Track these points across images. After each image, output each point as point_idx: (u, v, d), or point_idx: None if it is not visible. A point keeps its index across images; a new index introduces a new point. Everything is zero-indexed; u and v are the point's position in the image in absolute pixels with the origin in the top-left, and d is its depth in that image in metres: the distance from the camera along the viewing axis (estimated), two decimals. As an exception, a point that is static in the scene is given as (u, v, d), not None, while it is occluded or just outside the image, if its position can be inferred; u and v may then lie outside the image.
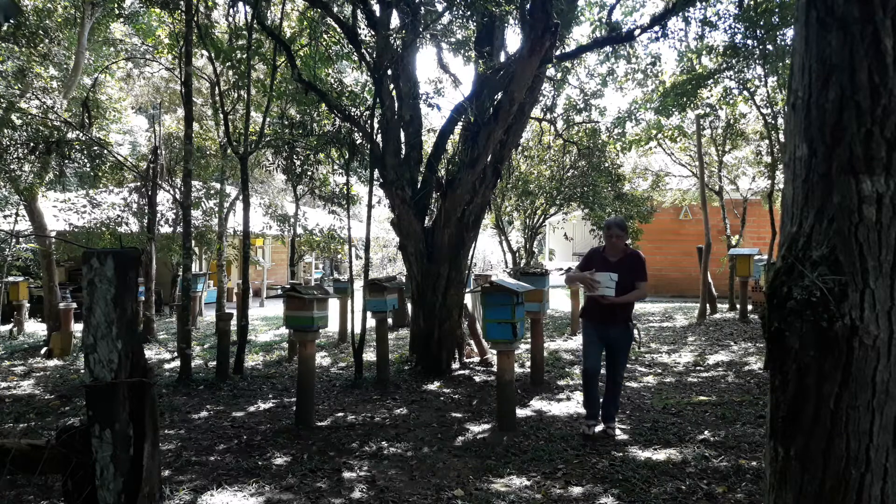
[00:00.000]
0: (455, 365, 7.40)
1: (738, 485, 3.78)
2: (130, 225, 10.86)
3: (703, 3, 8.84)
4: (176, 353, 8.51)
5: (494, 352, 5.42)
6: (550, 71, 8.91)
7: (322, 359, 8.41)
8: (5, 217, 12.22)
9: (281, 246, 19.06)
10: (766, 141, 11.43)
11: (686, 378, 6.73)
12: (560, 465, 4.16)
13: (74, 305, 9.65)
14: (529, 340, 6.77)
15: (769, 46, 9.25)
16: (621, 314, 4.64)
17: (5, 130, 8.36)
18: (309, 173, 10.14)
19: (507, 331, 4.77)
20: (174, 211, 11.16)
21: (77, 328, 9.80)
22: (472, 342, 7.98)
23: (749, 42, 9.42)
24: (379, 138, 7.28)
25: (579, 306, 10.64)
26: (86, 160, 9.17)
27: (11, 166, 8.99)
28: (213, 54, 8.17)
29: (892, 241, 1.23)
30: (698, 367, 7.28)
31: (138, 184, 10.95)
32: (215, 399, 6.26)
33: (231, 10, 8.61)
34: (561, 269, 10.96)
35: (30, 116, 8.69)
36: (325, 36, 8.69)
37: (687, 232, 16.08)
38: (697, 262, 11.83)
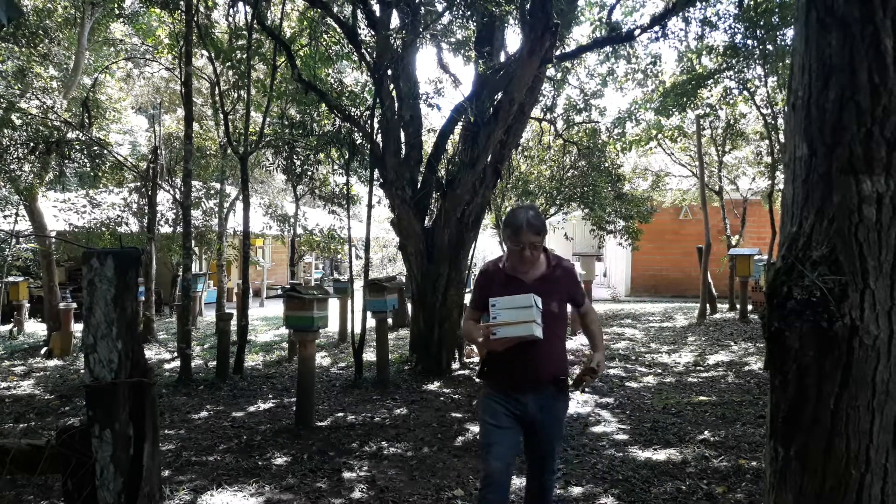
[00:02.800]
0: (455, 365, 7.39)
1: (737, 485, 3.78)
2: (130, 225, 10.87)
3: (703, 3, 8.85)
4: (176, 353, 8.51)
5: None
6: (550, 71, 8.90)
7: (322, 359, 8.41)
8: (5, 217, 12.22)
9: (281, 246, 19.07)
10: (766, 141, 11.43)
11: (686, 378, 6.73)
12: (560, 465, 4.16)
13: (74, 305, 9.65)
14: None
15: (769, 46, 9.25)
16: (555, 370, 2.66)
17: (5, 130, 8.36)
18: (309, 173, 10.14)
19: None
20: (174, 211, 11.17)
21: (77, 328, 9.81)
22: (472, 342, 7.97)
23: (749, 42, 9.42)
24: (379, 138, 7.28)
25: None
26: (86, 160, 9.19)
27: (11, 166, 9.00)
28: (213, 54, 8.17)
29: (892, 241, 1.23)
30: (698, 367, 7.28)
31: (138, 184, 10.96)
32: (215, 399, 6.26)
33: (231, 10, 8.61)
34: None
35: (30, 116, 8.70)
36: (325, 36, 8.69)
37: (687, 232, 16.08)
38: (697, 262, 11.83)
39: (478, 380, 2.90)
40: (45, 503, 3.71)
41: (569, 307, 2.87)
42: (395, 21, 7.43)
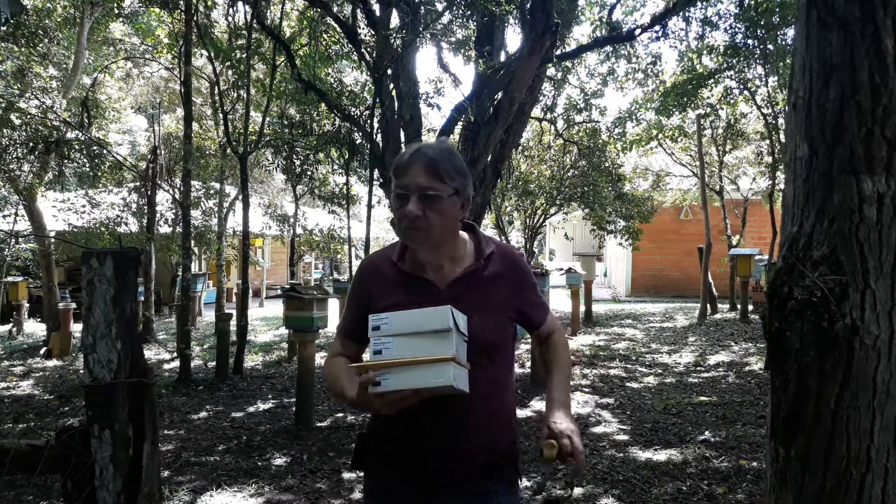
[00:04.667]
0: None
1: (738, 485, 3.78)
2: (130, 225, 10.87)
3: (704, 3, 8.84)
4: (175, 354, 8.51)
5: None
6: (551, 70, 8.90)
7: (322, 359, 8.39)
8: (5, 217, 12.22)
9: (280, 246, 19.06)
10: (767, 141, 11.44)
11: (686, 378, 6.73)
12: (560, 466, 4.16)
13: (74, 305, 9.64)
14: (529, 340, 6.76)
15: (770, 46, 9.26)
16: (492, 449, 1.53)
17: (5, 130, 8.36)
18: (309, 173, 10.15)
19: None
20: (173, 211, 11.16)
21: (76, 328, 9.80)
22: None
23: (749, 42, 9.42)
24: (379, 138, 7.28)
25: (580, 306, 10.65)
26: (85, 160, 9.19)
27: (11, 166, 8.99)
28: (212, 54, 8.16)
29: (893, 240, 1.22)
30: (699, 368, 7.28)
31: (137, 184, 10.96)
32: (215, 399, 6.26)
33: (230, 10, 8.61)
34: (561, 269, 10.95)
35: (29, 116, 8.69)
36: (324, 35, 8.69)
37: (687, 232, 16.08)
38: (698, 262, 11.82)
39: (353, 473, 1.64)
40: (44, 503, 3.71)
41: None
42: (395, 21, 7.43)
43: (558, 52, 7.60)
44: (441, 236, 1.50)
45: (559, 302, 14.49)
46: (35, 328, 12.28)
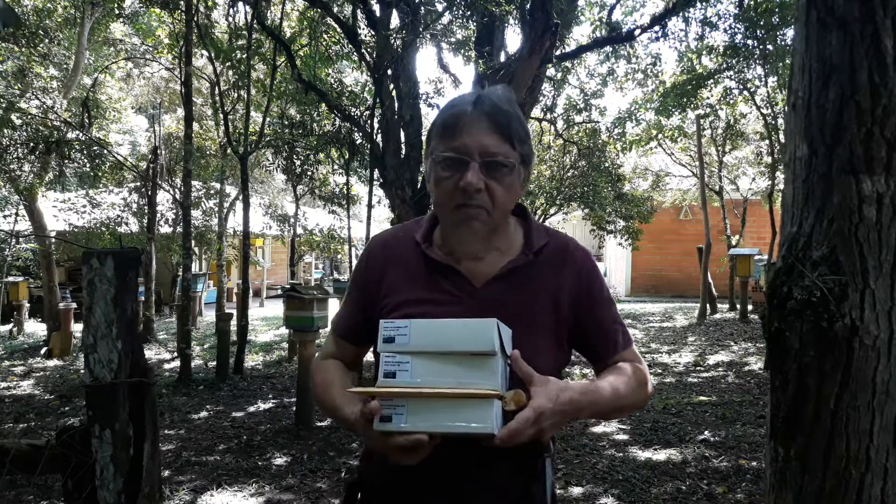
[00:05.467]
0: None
1: (738, 485, 3.78)
2: (130, 225, 10.87)
3: (704, 4, 8.85)
4: (176, 353, 8.51)
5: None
6: (550, 71, 8.90)
7: (322, 359, 8.40)
8: (5, 217, 12.22)
9: (281, 246, 19.06)
10: (766, 141, 11.45)
11: (686, 378, 6.73)
12: (560, 465, 4.16)
13: (74, 305, 9.64)
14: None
15: (769, 46, 9.26)
16: None
17: (5, 130, 8.36)
18: (309, 173, 10.15)
19: (507, 331, 4.74)
20: (174, 211, 11.17)
21: (77, 328, 9.80)
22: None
23: (749, 42, 9.43)
24: (379, 138, 7.28)
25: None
26: (85, 160, 9.19)
27: (11, 166, 9.00)
28: (213, 54, 8.17)
29: (893, 241, 1.23)
30: (698, 368, 7.28)
31: (138, 184, 10.96)
32: (215, 399, 6.26)
33: (231, 10, 8.62)
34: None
35: (30, 116, 8.70)
36: (325, 36, 8.69)
37: (687, 232, 16.08)
38: (697, 262, 11.83)
39: None
40: (45, 503, 3.71)
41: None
42: (395, 21, 7.44)
43: (558, 53, 7.61)
44: (500, 220, 1.15)
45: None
46: (36, 328, 12.28)
